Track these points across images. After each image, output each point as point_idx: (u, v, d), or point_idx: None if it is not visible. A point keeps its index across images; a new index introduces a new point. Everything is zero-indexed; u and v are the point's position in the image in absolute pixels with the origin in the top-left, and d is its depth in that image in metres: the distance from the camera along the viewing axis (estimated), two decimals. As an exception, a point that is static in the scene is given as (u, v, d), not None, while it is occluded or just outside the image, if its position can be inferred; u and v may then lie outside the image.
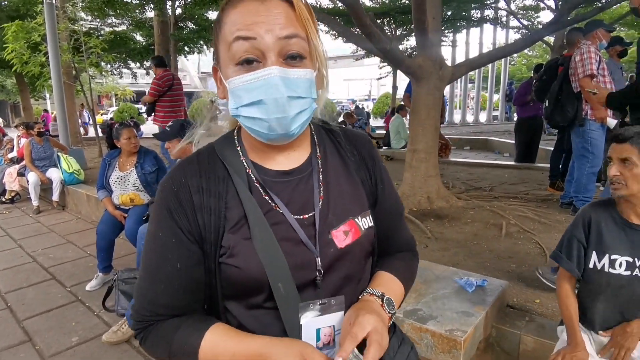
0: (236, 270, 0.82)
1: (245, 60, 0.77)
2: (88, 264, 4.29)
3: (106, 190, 3.85)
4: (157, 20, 9.38)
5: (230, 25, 0.79)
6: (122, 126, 3.84)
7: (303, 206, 0.88)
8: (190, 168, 0.88)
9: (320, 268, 0.85)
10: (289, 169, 0.90)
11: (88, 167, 8.11)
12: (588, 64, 4.14)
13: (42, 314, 3.31)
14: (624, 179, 1.55)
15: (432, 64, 4.59)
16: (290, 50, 0.78)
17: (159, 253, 0.86)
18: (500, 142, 11.63)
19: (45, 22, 8.10)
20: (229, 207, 0.85)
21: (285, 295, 0.82)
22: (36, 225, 5.85)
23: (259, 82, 0.77)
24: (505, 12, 12.19)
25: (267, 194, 0.87)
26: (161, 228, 0.86)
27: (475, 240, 3.81)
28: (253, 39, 0.76)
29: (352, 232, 0.90)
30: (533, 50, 27.53)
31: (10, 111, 32.86)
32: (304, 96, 0.80)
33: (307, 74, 0.80)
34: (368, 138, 1.05)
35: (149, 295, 0.86)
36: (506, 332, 2.43)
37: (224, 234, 0.84)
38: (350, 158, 0.98)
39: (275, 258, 0.82)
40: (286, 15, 0.78)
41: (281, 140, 0.83)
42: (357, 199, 0.94)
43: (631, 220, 1.62)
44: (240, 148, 0.91)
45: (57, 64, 8.12)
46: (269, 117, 0.78)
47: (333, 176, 0.94)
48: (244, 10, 0.78)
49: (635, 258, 1.59)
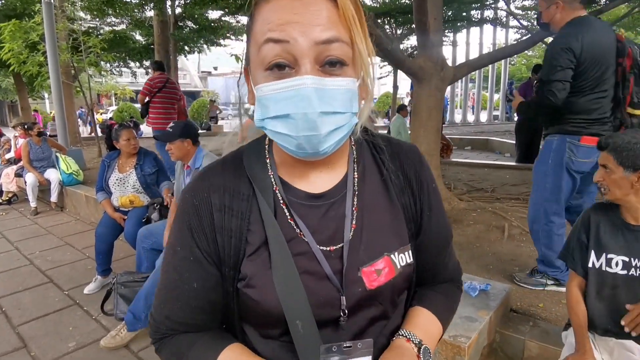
0: (253, 302, 0.76)
1: (275, 65, 0.67)
2: (86, 267, 4.25)
3: (105, 192, 3.81)
4: (157, 19, 9.35)
5: (261, 24, 0.68)
6: (121, 127, 3.80)
7: (332, 236, 0.78)
8: (215, 181, 0.80)
9: (345, 308, 0.76)
10: (321, 192, 0.80)
11: (87, 168, 8.07)
12: None
13: (38, 319, 3.27)
14: (606, 184, 1.65)
15: (433, 65, 4.55)
16: (330, 56, 0.66)
17: (177, 270, 0.80)
18: (501, 142, 11.63)
19: (43, 21, 8.07)
20: (251, 230, 0.77)
21: (304, 334, 0.74)
22: (34, 227, 5.81)
23: (289, 92, 0.66)
24: (505, 12, 12.17)
25: (293, 219, 0.77)
26: (180, 244, 0.80)
27: (478, 242, 3.78)
28: (285, 42, 0.65)
29: (385, 271, 0.78)
30: (533, 50, 27.53)
31: (8, 110, 32.83)
32: (341, 111, 0.68)
33: (347, 83, 0.68)
34: (417, 153, 0.89)
35: (166, 310, 0.82)
36: (510, 337, 2.40)
37: (244, 259, 0.77)
38: (394, 180, 0.85)
39: (295, 293, 0.74)
40: (327, 14, 0.66)
41: (312, 157, 0.72)
42: (396, 230, 0.83)
43: (628, 221, 1.67)
44: (270, 160, 0.81)
45: (56, 64, 8.08)
46: (296, 134, 0.67)
47: (370, 201, 0.82)
48: (278, 6, 0.67)
49: (631, 257, 1.63)
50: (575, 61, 2.53)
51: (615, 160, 1.61)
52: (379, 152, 0.86)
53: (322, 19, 0.66)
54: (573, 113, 2.65)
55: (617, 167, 1.60)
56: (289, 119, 0.67)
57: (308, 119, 0.65)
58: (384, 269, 0.78)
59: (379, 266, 0.78)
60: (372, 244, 0.79)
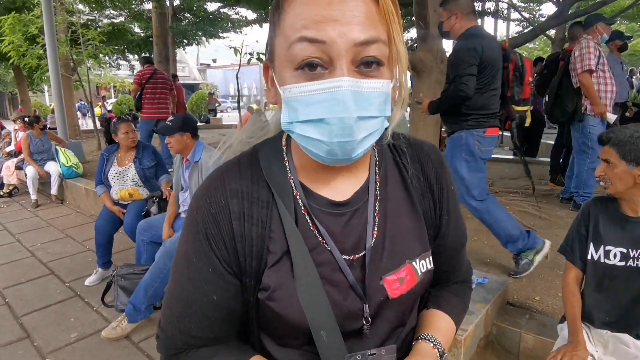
0: (275, 314, 0.73)
1: (307, 64, 0.62)
2: (87, 259, 4.28)
3: (104, 185, 3.83)
4: (156, 12, 9.33)
5: (293, 18, 0.63)
6: (120, 120, 3.80)
7: (354, 245, 0.76)
8: (231, 185, 0.75)
9: (368, 316, 0.75)
10: (343, 200, 0.76)
11: (87, 161, 8.08)
12: (587, 59, 4.13)
13: (40, 310, 3.30)
14: (608, 178, 1.65)
15: (433, 58, 4.56)
16: (367, 56, 0.62)
17: (194, 283, 0.75)
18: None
19: (42, 14, 8.04)
20: (273, 238, 0.74)
21: (329, 344, 0.72)
22: (34, 220, 5.83)
23: (324, 95, 0.61)
24: (507, 4, 12.12)
25: (315, 226, 0.74)
26: (196, 254, 0.75)
27: (476, 235, 3.80)
28: (322, 43, 0.60)
29: (407, 279, 0.77)
30: (534, 42, 27.42)
31: (8, 103, 32.76)
32: (376, 115, 0.64)
33: (383, 85, 0.64)
34: (439, 155, 0.86)
35: (182, 326, 0.77)
36: (507, 330, 2.43)
37: (265, 269, 0.74)
38: (415, 184, 0.82)
39: (319, 304, 0.71)
40: (367, 11, 0.61)
41: (340, 164, 0.69)
42: (418, 236, 0.80)
43: (627, 214, 1.68)
44: (289, 164, 0.77)
45: (55, 57, 8.06)
46: (330, 141, 0.62)
47: (392, 206, 0.79)
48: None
49: (629, 249, 1.64)
50: (478, 60, 2.87)
51: (617, 154, 1.60)
52: (401, 155, 0.83)
53: (362, 16, 0.61)
54: (475, 109, 2.98)
55: (619, 161, 1.60)
56: (322, 123, 0.62)
57: (344, 125, 0.61)
58: (406, 277, 0.77)
59: (401, 274, 0.76)
60: (395, 251, 0.77)
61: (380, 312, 0.77)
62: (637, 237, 1.63)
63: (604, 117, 4.19)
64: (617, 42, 5.42)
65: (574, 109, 4.34)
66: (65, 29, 9.55)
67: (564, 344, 1.76)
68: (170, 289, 0.79)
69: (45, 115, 19.33)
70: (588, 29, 4.36)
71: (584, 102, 4.27)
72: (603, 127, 4.27)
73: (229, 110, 32.71)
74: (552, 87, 4.63)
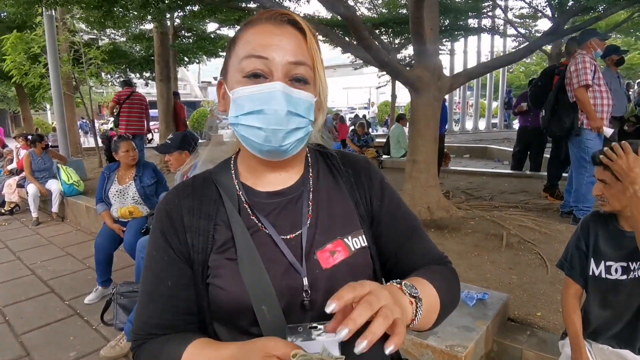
0: (220, 292, 0.83)
1: (253, 74, 0.81)
2: (87, 277, 4.27)
3: (105, 203, 3.84)
4: (157, 31, 9.42)
5: (245, 43, 0.84)
6: (120, 139, 3.83)
7: (291, 226, 0.88)
8: (184, 190, 0.92)
9: (308, 289, 0.83)
10: (279, 190, 0.92)
11: (88, 178, 8.11)
12: (583, 74, 4.18)
13: (40, 328, 3.29)
14: (606, 197, 1.66)
15: (430, 75, 4.60)
16: (297, 74, 0.82)
17: (153, 272, 0.89)
18: (500, 150, 11.63)
19: (45, 33, 8.14)
20: (218, 229, 0.87)
21: (271, 319, 0.80)
22: (35, 237, 5.84)
23: (263, 94, 0.80)
24: (503, 20, 12.25)
25: (255, 215, 0.88)
26: (155, 248, 0.89)
27: (476, 251, 3.79)
28: (265, 59, 0.81)
29: (338, 251, 0.87)
30: (531, 58, 27.64)
31: (11, 121, 32.94)
32: (302, 115, 0.83)
33: (307, 96, 0.84)
34: (366, 160, 1.04)
35: (144, 316, 0.88)
36: (507, 346, 2.41)
37: (210, 254, 0.85)
38: (346, 180, 0.97)
39: (260, 280, 0.81)
40: (297, 43, 0.83)
41: (274, 155, 0.85)
42: (348, 218, 0.93)
43: (624, 228, 1.69)
44: (235, 171, 0.94)
45: (57, 75, 8.15)
46: (266, 127, 0.80)
47: (324, 197, 0.94)
48: (261, 31, 0.83)
49: (629, 262, 1.64)
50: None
51: (612, 176, 1.61)
52: (331, 158, 1.00)
53: (294, 46, 0.83)
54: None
55: (615, 182, 1.61)
56: (261, 113, 0.80)
57: (278, 115, 0.80)
58: (337, 249, 0.88)
59: (333, 248, 0.87)
60: (326, 230, 0.89)
61: (318, 286, 0.84)
62: (634, 249, 1.63)
63: (601, 132, 4.21)
64: (614, 57, 5.48)
65: (570, 124, 4.37)
66: (67, 48, 9.65)
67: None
68: (140, 288, 0.91)
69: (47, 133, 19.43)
70: (582, 44, 4.41)
71: (581, 117, 4.30)
72: (600, 141, 4.30)
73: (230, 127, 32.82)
74: (548, 102, 4.67)
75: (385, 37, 12.09)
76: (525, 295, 2.96)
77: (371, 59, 4.62)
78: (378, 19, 11.36)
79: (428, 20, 4.47)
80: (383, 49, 4.65)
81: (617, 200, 1.63)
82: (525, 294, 2.98)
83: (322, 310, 0.73)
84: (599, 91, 4.26)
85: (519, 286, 3.10)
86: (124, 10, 6.66)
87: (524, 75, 29.60)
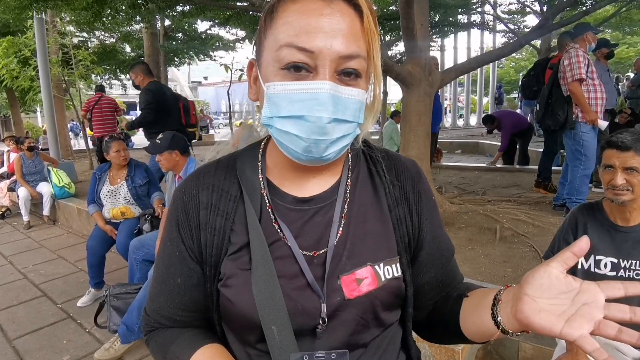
0: (229, 304, 0.75)
1: (293, 66, 0.67)
2: (79, 280, 4.24)
3: (97, 204, 3.81)
4: (147, 32, 9.37)
5: (284, 24, 0.68)
6: (112, 139, 3.80)
7: (316, 241, 0.76)
8: (205, 179, 0.81)
9: (325, 316, 0.73)
10: (308, 197, 0.79)
11: (79, 180, 8.04)
12: (577, 69, 4.19)
13: (33, 333, 3.25)
14: (630, 185, 1.56)
15: (421, 70, 4.59)
16: (347, 67, 0.68)
17: (165, 264, 0.83)
18: (491, 145, 11.67)
19: (35, 36, 8.07)
20: (235, 230, 0.77)
21: (280, 341, 0.71)
22: (27, 241, 5.78)
23: (306, 94, 0.66)
24: (492, 16, 12.30)
25: (277, 222, 0.77)
26: (169, 238, 0.83)
27: (470, 245, 3.80)
28: (310, 52, 0.66)
29: (367, 281, 0.75)
30: (520, 53, 27.80)
31: (1, 125, 32.62)
32: (350, 120, 0.69)
33: (359, 94, 0.70)
34: (416, 167, 0.88)
35: (155, 304, 0.85)
36: (505, 339, 2.41)
37: (224, 260, 0.77)
38: (389, 190, 0.82)
39: (273, 297, 0.72)
40: (352, 27, 0.67)
41: (313, 163, 0.72)
42: (385, 242, 0.79)
43: (617, 223, 1.66)
44: (262, 164, 0.81)
45: (47, 78, 8.07)
46: (307, 137, 0.67)
47: (360, 210, 0.80)
48: (307, 9, 0.67)
49: (620, 259, 1.63)
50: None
51: None
52: (376, 163, 0.85)
53: (348, 31, 0.67)
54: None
55: None
56: (302, 120, 0.67)
57: (322, 124, 0.66)
58: (366, 279, 0.75)
59: (361, 275, 0.75)
60: (356, 252, 0.77)
61: (336, 314, 0.75)
62: (627, 247, 1.61)
63: (596, 124, 4.23)
64: (604, 50, 5.52)
65: (565, 117, 4.38)
66: (57, 50, 9.57)
67: (563, 353, 1.75)
68: (153, 272, 0.88)
69: (37, 136, 19.24)
70: (577, 38, 4.43)
71: (575, 110, 4.32)
72: (595, 133, 4.33)
73: (221, 127, 32.80)
74: (542, 96, 4.69)
75: (375, 34, 12.08)
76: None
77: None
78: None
79: (418, 16, 4.47)
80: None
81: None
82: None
83: (333, 340, 0.76)
84: (593, 85, 4.28)
85: (513, 279, 3.11)
86: (113, 12, 6.62)
87: (514, 71, 29.78)
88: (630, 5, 8.40)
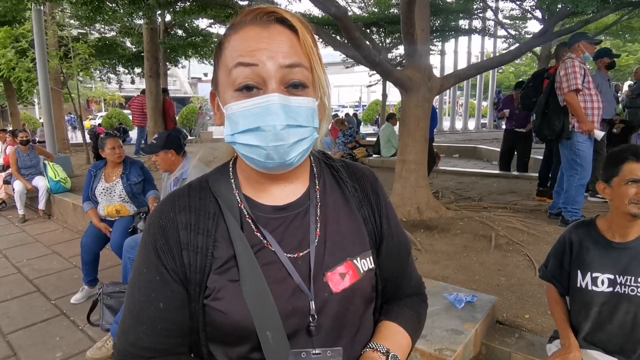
0: (221, 315, 0.76)
1: (245, 87, 0.73)
2: (73, 276, 4.22)
3: (91, 201, 3.79)
4: (147, 27, 9.33)
5: (231, 51, 0.75)
6: (107, 136, 3.80)
7: (298, 244, 0.82)
8: (180, 202, 0.83)
9: (314, 313, 0.78)
10: (285, 204, 0.84)
11: (75, 175, 8.02)
12: (572, 79, 4.21)
13: (26, 328, 3.25)
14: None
15: (420, 75, 4.60)
16: (293, 79, 0.74)
17: (143, 292, 0.81)
18: (489, 150, 11.69)
19: (33, 27, 8.03)
20: (218, 246, 0.79)
21: (275, 345, 0.75)
22: (21, 235, 5.76)
23: (258, 108, 0.72)
24: (493, 22, 12.31)
25: (259, 231, 0.81)
26: (146, 265, 0.81)
27: (465, 252, 3.81)
28: (254, 66, 0.72)
29: (349, 274, 0.82)
30: (520, 58, 27.85)
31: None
32: (304, 125, 0.74)
33: (308, 102, 0.76)
34: (372, 173, 0.98)
35: (132, 337, 0.81)
36: (496, 349, 2.42)
37: (210, 275, 0.78)
38: (353, 193, 0.91)
39: (265, 303, 0.75)
40: (290, 43, 0.74)
41: (278, 169, 0.77)
42: (358, 237, 0.87)
43: (613, 239, 1.66)
44: (234, 180, 0.86)
45: (45, 70, 8.04)
46: (266, 145, 0.73)
47: (332, 212, 0.87)
48: (247, 35, 0.74)
49: (616, 275, 1.62)
50: None
51: None
52: (338, 170, 0.93)
53: (286, 47, 0.74)
54: None
55: None
56: (259, 131, 0.73)
57: (276, 131, 0.72)
58: (348, 272, 0.83)
59: (343, 270, 0.82)
60: (335, 250, 0.83)
61: (325, 309, 0.80)
62: (623, 264, 1.60)
63: (592, 134, 4.25)
64: (605, 60, 5.53)
65: (561, 127, 4.40)
66: (55, 42, 9.54)
67: (557, 349, 1.74)
68: (124, 304, 0.84)
69: (34, 128, 19.17)
70: (572, 47, 4.44)
71: (571, 120, 4.34)
72: (591, 143, 4.34)
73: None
74: (539, 106, 4.70)
75: (376, 36, 12.10)
76: (514, 297, 2.98)
77: (362, 59, 4.61)
78: (369, 18, 11.36)
79: (419, 20, 4.48)
80: (374, 49, 4.64)
81: None
82: (514, 295, 3.00)
83: (328, 336, 0.81)
84: (589, 95, 4.30)
85: (507, 288, 3.12)
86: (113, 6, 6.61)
87: (513, 76, 29.86)
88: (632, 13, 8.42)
